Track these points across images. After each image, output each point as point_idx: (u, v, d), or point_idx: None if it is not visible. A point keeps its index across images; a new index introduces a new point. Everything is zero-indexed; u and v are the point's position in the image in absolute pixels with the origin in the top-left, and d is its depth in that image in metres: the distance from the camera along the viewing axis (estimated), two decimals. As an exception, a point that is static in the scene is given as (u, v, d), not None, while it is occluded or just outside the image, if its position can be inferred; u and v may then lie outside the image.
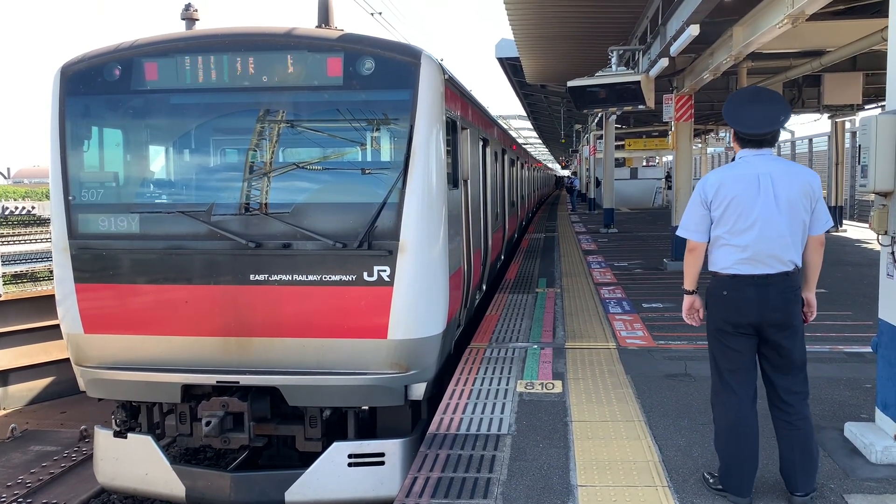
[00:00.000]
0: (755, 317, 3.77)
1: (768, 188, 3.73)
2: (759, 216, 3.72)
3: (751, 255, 3.75)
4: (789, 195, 3.72)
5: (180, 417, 6.05)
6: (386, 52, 5.62)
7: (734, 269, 3.80)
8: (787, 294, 3.77)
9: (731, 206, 3.76)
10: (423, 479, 4.35)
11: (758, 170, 3.76)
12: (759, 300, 3.75)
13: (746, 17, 8.49)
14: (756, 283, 3.75)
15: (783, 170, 3.78)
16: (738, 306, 3.79)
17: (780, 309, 3.76)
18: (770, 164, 3.78)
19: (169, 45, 5.83)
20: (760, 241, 3.73)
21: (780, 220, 3.71)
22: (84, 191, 5.90)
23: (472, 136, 8.18)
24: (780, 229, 3.72)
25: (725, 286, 3.84)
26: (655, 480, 4.25)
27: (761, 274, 3.75)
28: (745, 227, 3.74)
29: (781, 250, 3.74)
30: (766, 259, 3.74)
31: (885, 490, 4.07)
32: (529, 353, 7.14)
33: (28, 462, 8.84)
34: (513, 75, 24.58)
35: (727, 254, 3.81)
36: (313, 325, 5.61)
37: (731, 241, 3.78)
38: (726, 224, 3.78)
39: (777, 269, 3.75)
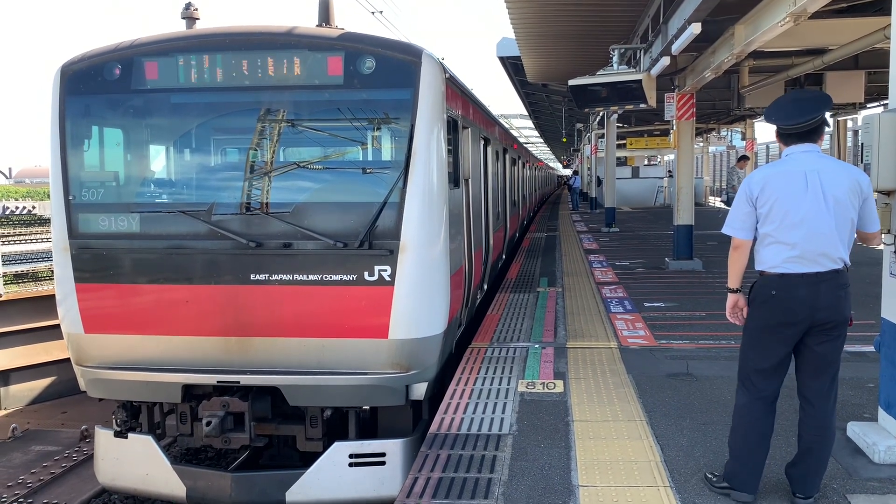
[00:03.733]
0: (805, 316, 3.71)
1: (816, 185, 3.67)
2: (807, 213, 3.67)
3: (800, 252, 3.69)
4: (837, 193, 3.67)
5: (181, 417, 6.04)
6: (387, 51, 5.60)
7: (783, 268, 3.73)
8: (837, 292, 3.71)
9: (778, 203, 3.71)
10: (424, 480, 4.33)
11: (805, 167, 3.71)
12: (811, 299, 3.69)
13: (748, 16, 8.47)
14: (806, 281, 3.69)
15: (832, 167, 3.72)
16: (789, 306, 3.72)
17: (830, 308, 3.70)
18: (818, 161, 3.73)
19: (169, 45, 5.82)
20: (809, 238, 3.67)
21: (828, 217, 3.66)
22: (84, 190, 5.89)
23: (474, 136, 8.16)
24: (828, 227, 3.66)
25: (774, 285, 3.76)
26: (657, 480, 4.23)
27: (811, 272, 3.69)
28: (792, 224, 3.69)
29: (831, 248, 3.68)
30: (815, 257, 3.69)
31: (888, 490, 4.05)
32: (531, 352, 7.12)
33: (29, 462, 8.84)
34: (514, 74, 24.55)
35: (776, 252, 3.75)
36: (314, 324, 5.60)
37: (780, 238, 3.72)
38: (773, 221, 3.73)
39: (827, 268, 3.69)
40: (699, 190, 30.78)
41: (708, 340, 7.51)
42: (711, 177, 40.32)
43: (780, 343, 3.79)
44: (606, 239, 18.53)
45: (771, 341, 3.81)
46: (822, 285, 3.69)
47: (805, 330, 3.75)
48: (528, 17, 12.42)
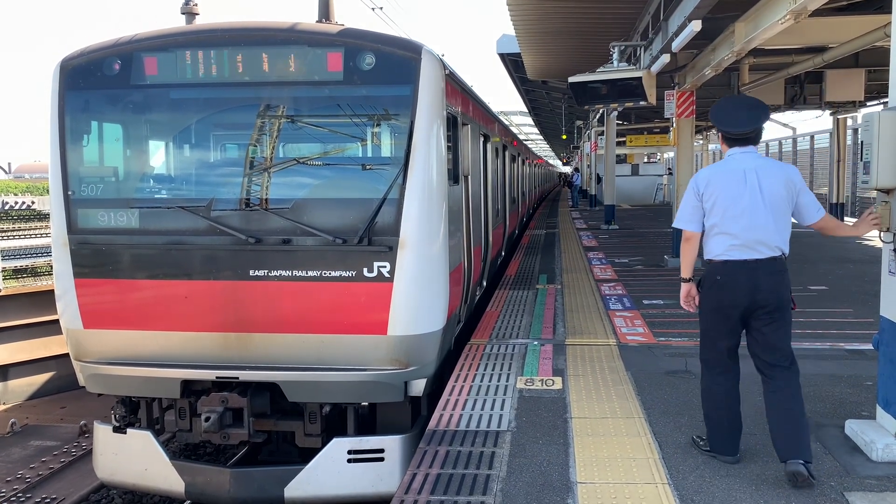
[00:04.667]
0: (746, 299, 4.14)
1: (754, 182, 4.14)
2: (746, 206, 4.11)
3: (741, 241, 4.12)
4: (772, 188, 4.12)
5: (180, 413, 6.04)
6: (386, 48, 5.60)
7: (726, 256, 4.17)
8: (775, 277, 4.14)
9: (721, 197, 4.16)
10: (423, 476, 4.34)
11: (744, 165, 4.18)
12: (753, 285, 4.12)
13: (748, 13, 8.46)
14: (751, 269, 4.12)
15: (767, 165, 4.21)
16: (732, 289, 4.17)
17: (769, 291, 4.13)
18: (756, 161, 4.21)
19: (169, 40, 5.81)
20: (749, 228, 4.11)
21: (765, 210, 4.11)
22: (84, 186, 5.88)
23: (473, 132, 8.16)
24: (765, 218, 4.10)
25: (719, 271, 4.22)
26: (655, 477, 4.24)
27: (751, 259, 4.12)
28: (734, 216, 4.12)
29: (768, 237, 4.11)
30: (754, 245, 4.12)
31: (885, 488, 4.06)
32: (529, 349, 7.13)
33: (28, 457, 8.85)
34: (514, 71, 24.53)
35: (720, 241, 4.19)
36: (313, 320, 5.60)
37: (723, 229, 4.16)
38: (717, 214, 4.17)
39: (765, 255, 4.13)
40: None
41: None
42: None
43: (730, 323, 4.23)
44: (606, 236, 18.54)
45: (721, 322, 4.26)
46: (761, 270, 4.11)
47: (748, 311, 4.17)
48: (528, 13, 12.40)
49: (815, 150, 27.02)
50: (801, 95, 17.21)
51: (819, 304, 9.23)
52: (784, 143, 31.13)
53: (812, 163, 27.32)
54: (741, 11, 8.66)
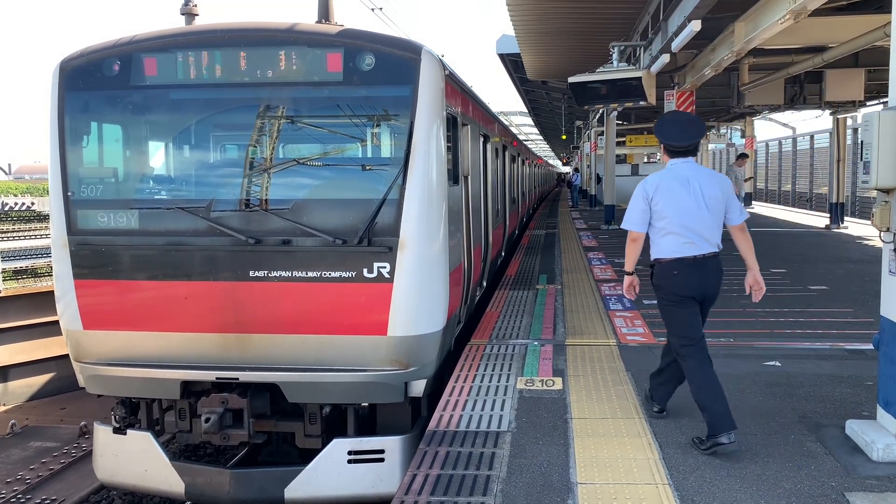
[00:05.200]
0: (698, 291, 4.69)
1: (696, 188, 4.64)
2: (691, 209, 4.61)
3: (690, 239, 4.63)
4: (710, 193, 4.65)
5: (180, 414, 6.04)
6: (386, 48, 5.60)
7: (679, 253, 4.64)
8: (717, 271, 4.71)
9: (671, 201, 4.63)
10: (423, 476, 4.33)
11: (687, 174, 4.69)
12: (702, 277, 4.67)
13: (748, 13, 8.47)
14: (697, 263, 4.64)
15: (706, 174, 4.75)
16: (687, 281, 4.67)
17: (714, 284, 4.72)
18: (695, 170, 4.73)
19: (168, 41, 5.81)
20: (695, 228, 4.62)
21: (706, 212, 4.63)
22: (83, 187, 5.87)
23: (473, 133, 8.16)
24: (707, 219, 4.63)
25: (674, 267, 4.68)
26: (656, 478, 4.24)
27: (700, 255, 4.63)
28: (682, 218, 4.61)
29: (710, 234, 4.65)
30: (700, 242, 4.63)
31: (886, 488, 4.05)
32: (530, 349, 7.12)
33: (27, 458, 8.85)
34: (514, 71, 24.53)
35: (671, 241, 4.67)
36: (313, 321, 5.59)
37: (673, 230, 4.64)
38: (666, 217, 4.63)
39: (709, 250, 4.65)
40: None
41: (707, 338, 7.49)
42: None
43: (690, 309, 4.72)
44: (606, 236, 18.54)
45: (683, 312, 4.73)
46: (708, 263, 4.66)
47: (701, 299, 4.72)
48: (528, 14, 12.41)
49: (815, 149, 27.05)
50: (801, 95, 17.22)
51: (819, 303, 9.23)
52: (784, 142, 31.15)
53: (812, 163, 27.34)
54: (741, 11, 8.66)
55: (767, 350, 6.97)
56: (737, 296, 9.74)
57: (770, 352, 6.91)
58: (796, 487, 4.08)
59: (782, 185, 31.75)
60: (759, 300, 4.80)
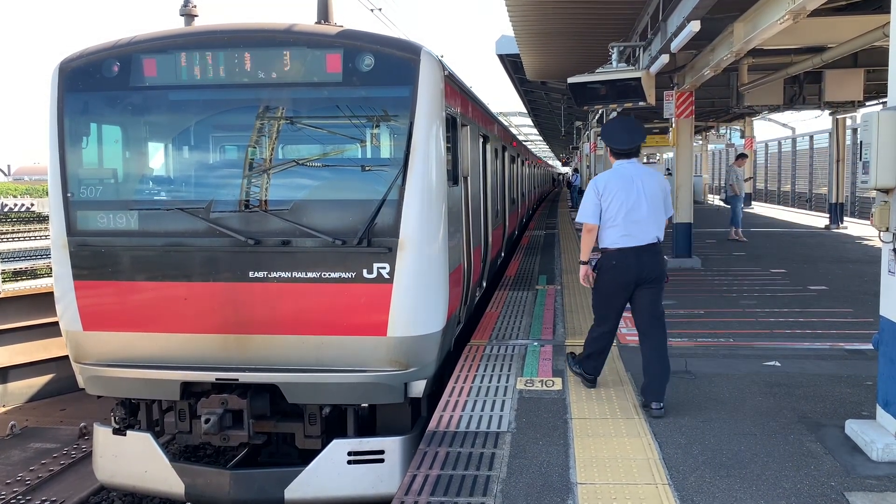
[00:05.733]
0: (635, 277, 5.27)
1: (640, 186, 5.25)
2: (634, 205, 5.22)
3: (630, 232, 5.22)
4: (651, 191, 5.28)
5: (179, 415, 6.04)
6: (385, 49, 5.60)
7: (620, 244, 5.26)
8: (655, 257, 5.33)
9: (616, 197, 5.23)
10: (423, 477, 4.33)
11: (631, 173, 5.31)
12: (639, 265, 5.26)
13: (747, 14, 8.46)
14: (636, 252, 5.24)
15: (647, 174, 5.36)
16: (625, 270, 5.28)
17: (651, 268, 5.29)
18: (638, 170, 5.36)
19: (168, 42, 5.81)
20: (635, 222, 5.21)
21: (647, 207, 5.24)
22: (83, 188, 5.87)
23: (473, 133, 8.16)
24: (647, 214, 5.24)
25: (614, 257, 5.30)
26: (655, 478, 4.24)
27: (638, 245, 5.23)
28: (625, 213, 5.20)
29: (650, 228, 5.26)
30: (639, 235, 5.23)
31: (886, 488, 4.06)
32: (529, 350, 7.12)
33: (27, 459, 8.85)
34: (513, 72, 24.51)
35: (614, 233, 5.26)
36: (313, 322, 5.60)
37: (617, 223, 5.24)
38: (612, 211, 5.24)
39: (648, 242, 5.26)
40: (698, 188, 30.77)
41: (706, 338, 7.52)
42: (710, 175, 40.30)
43: (620, 296, 5.39)
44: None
45: (614, 297, 5.41)
46: (645, 253, 5.26)
47: (636, 284, 5.29)
48: (527, 14, 12.40)
49: (815, 150, 27.05)
50: (801, 95, 17.21)
51: (819, 303, 9.23)
52: (783, 143, 31.15)
53: (811, 163, 27.34)
54: (740, 11, 8.66)
55: (767, 350, 6.98)
56: (736, 296, 9.79)
57: (770, 352, 6.91)
58: (796, 487, 4.09)
59: (782, 186, 31.77)
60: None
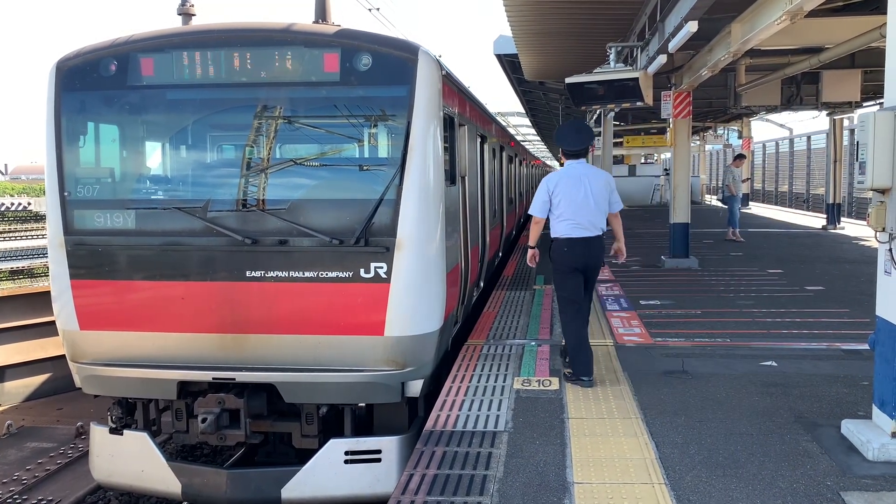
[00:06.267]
0: (583, 263, 5.97)
1: (586, 184, 5.91)
2: (581, 200, 5.89)
3: (579, 223, 5.89)
4: (596, 188, 5.94)
5: (176, 414, 6.04)
6: (383, 48, 5.60)
7: (570, 234, 5.91)
8: (599, 247, 6.00)
9: (565, 194, 5.89)
10: (420, 476, 4.34)
11: (579, 172, 5.97)
12: (586, 252, 5.94)
13: (745, 14, 8.48)
14: (583, 242, 5.91)
15: (594, 172, 6.07)
16: (574, 256, 5.94)
17: (596, 257, 6.01)
18: (586, 169, 6.03)
19: (165, 41, 5.81)
20: (583, 215, 5.88)
21: (593, 202, 5.91)
22: (80, 187, 5.87)
23: (470, 133, 8.16)
24: (593, 208, 5.91)
25: (565, 245, 5.95)
26: (652, 478, 4.24)
27: (586, 236, 5.91)
28: (574, 207, 5.88)
29: (595, 220, 5.94)
30: (587, 226, 5.91)
31: (881, 487, 4.07)
32: (526, 350, 7.13)
33: (24, 459, 8.83)
34: (511, 72, 24.50)
35: (565, 225, 5.92)
36: (310, 321, 5.59)
37: (567, 216, 5.89)
38: (562, 206, 5.89)
39: (594, 233, 5.94)
40: (695, 188, 30.81)
41: (703, 338, 7.53)
42: (708, 175, 40.33)
43: (574, 279, 6.01)
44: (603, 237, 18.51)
45: (569, 279, 6.03)
46: (591, 243, 5.93)
47: (583, 269, 5.99)
48: (525, 14, 12.40)
49: (812, 150, 27.08)
50: (798, 96, 17.24)
51: (815, 304, 9.25)
52: (781, 143, 31.18)
53: (809, 163, 27.37)
54: (737, 12, 8.67)
55: (764, 350, 6.99)
56: (733, 296, 9.80)
57: (766, 352, 6.92)
58: (792, 487, 4.09)
59: (779, 186, 31.80)
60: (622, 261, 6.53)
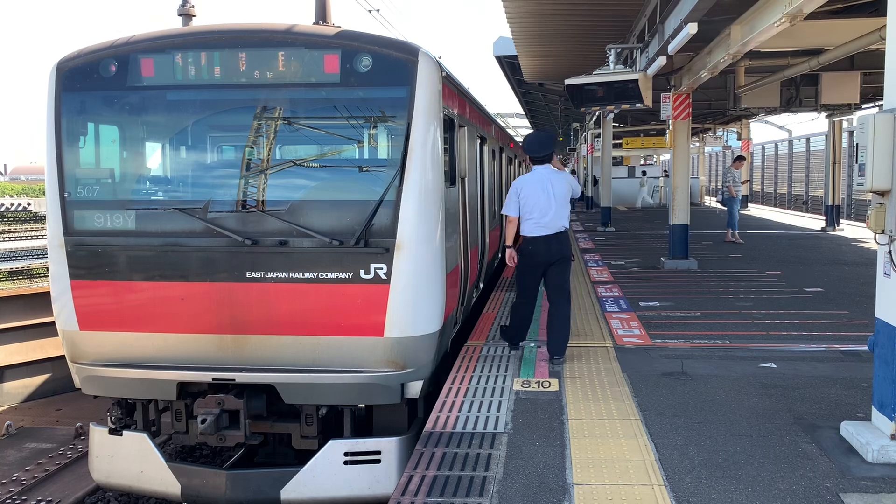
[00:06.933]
0: (545, 258, 6.60)
1: (549, 187, 6.53)
2: (546, 203, 6.50)
3: (540, 223, 6.53)
4: (560, 190, 6.58)
5: (176, 415, 6.04)
6: (383, 49, 5.60)
7: (535, 233, 6.56)
8: (562, 243, 6.64)
9: (531, 196, 6.52)
10: (420, 478, 4.34)
11: (544, 177, 6.59)
12: (549, 249, 6.58)
13: (744, 16, 8.49)
14: (545, 240, 6.57)
15: (556, 176, 6.63)
16: (538, 252, 6.60)
17: (559, 252, 6.63)
18: (550, 174, 6.62)
19: (165, 42, 5.81)
20: (546, 215, 6.51)
21: (556, 204, 6.54)
22: (80, 187, 5.87)
23: (470, 134, 8.17)
24: (556, 209, 6.54)
25: (531, 243, 6.61)
26: (651, 479, 4.25)
27: (547, 234, 6.55)
28: (539, 209, 6.51)
29: (558, 220, 6.58)
30: (550, 225, 6.54)
31: (881, 489, 4.07)
32: (526, 351, 7.13)
33: (23, 459, 8.82)
34: (510, 73, 24.56)
35: (531, 224, 6.56)
36: (309, 322, 5.59)
37: (532, 217, 6.53)
38: (528, 206, 6.53)
39: (556, 231, 6.57)
40: (695, 190, 30.82)
41: (703, 340, 7.53)
42: (707, 177, 40.36)
43: (535, 273, 6.70)
44: (602, 238, 18.57)
45: (531, 273, 6.71)
46: (553, 240, 6.58)
47: (547, 264, 6.62)
48: (524, 16, 12.43)
49: (811, 152, 27.10)
50: (797, 98, 17.27)
51: (815, 306, 9.25)
52: (780, 145, 31.21)
53: (808, 165, 27.40)
54: (737, 14, 8.68)
55: (763, 352, 6.99)
56: (733, 298, 9.81)
57: (766, 354, 6.92)
58: (791, 489, 4.10)
59: (778, 188, 31.82)
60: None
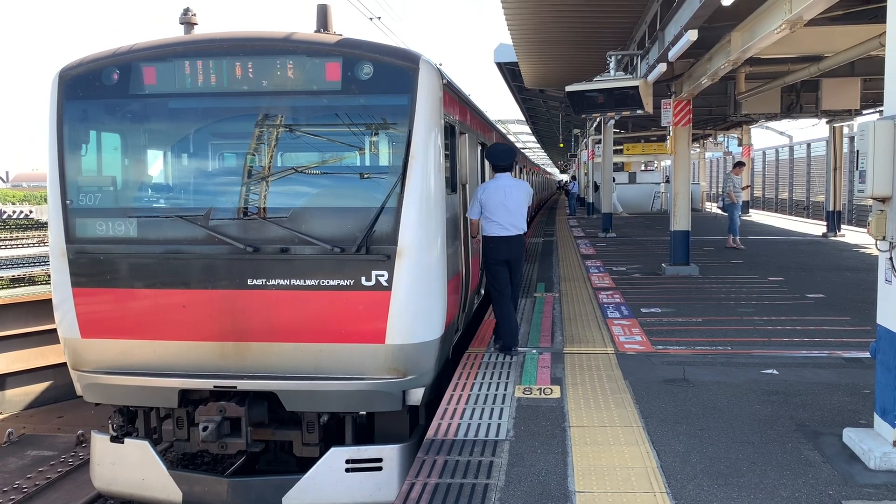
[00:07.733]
0: (506, 256, 7.25)
1: (509, 193, 7.16)
2: (506, 207, 7.12)
3: (501, 224, 7.14)
4: (518, 197, 7.22)
5: (177, 422, 6.03)
6: (384, 57, 5.62)
7: (496, 233, 7.17)
8: (520, 245, 7.33)
9: (492, 201, 7.12)
10: (421, 485, 4.33)
11: (504, 184, 7.21)
12: (509, 248, 7.23)
13: (745, 23, 8.51)
14: (507, 240, 7.20)
15: (514, 184, 7.29)
16: (500, 251, 7.24)
17: (517, 252, 7.32)
18: (509, 181, 7.27)
19: (167, 50, 5.83)
20: (506, 218, 7.14)
21: (514, 208, 7.17)
22: (82, 195, 5.88)
23: (471, 141, 8.19)
24: (514, 212, 7.17)
25: (493, 243, 7.24)
26: (654, 486, 4.24)
27: (509, 235, 7.18)
28: (500, 212, 7.12)
29: (515, 223, 7.20)
30: (509, 227, 7.16)
31: (883, 496, 4.06)
32: (528, 358, 7.13)
33: (25, 467, 8.82)
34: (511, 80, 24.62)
35: (494, 226, 7.17)
36: (311, 329, 5.59)
37: (494, 219, 7.14)
38: (490, 210, 7.13)
39: (515, 233, 7.20)
40: (696, 196, 30.83)
41: (704, 346, 7.53)
42: (708, 182, 40.39)
43: (502, 270, 7.30)
44: (603, 244, 18.56)
45: (499, 270, 7.31)
46: (513, 240, 7.21)
47: (507, 262, 7.26)
48: (525, 23, 12.46)
49: (812, 158, 27.12)
50: (798, 104, 17.27)
51: (816, 312, 9.24)
52: (781, 151, 31.23)
53: (809, 171, 27.42)
54: (737, 21, 8.70)
55: (765, 358, 6.99)
56: (734, 304, 9.80)
57: (767, 360, 6.92)
58: (794, 496, 4.09)
59: (779, 194, 31.84)
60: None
